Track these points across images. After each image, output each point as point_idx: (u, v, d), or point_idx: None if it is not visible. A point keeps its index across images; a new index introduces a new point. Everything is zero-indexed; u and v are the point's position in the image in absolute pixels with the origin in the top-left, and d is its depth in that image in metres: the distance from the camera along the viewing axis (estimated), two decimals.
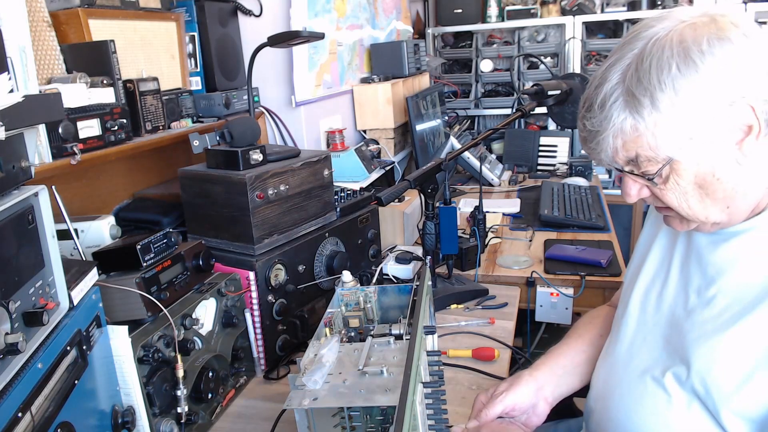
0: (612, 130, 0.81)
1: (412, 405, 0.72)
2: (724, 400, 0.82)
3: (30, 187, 0.80)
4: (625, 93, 0.80)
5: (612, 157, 0.85)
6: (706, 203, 0.83)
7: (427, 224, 1.56)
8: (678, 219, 0.88)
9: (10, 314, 0.70)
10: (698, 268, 0.91)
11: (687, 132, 0.78)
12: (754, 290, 0.83)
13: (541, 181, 2.70)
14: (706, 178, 0.81)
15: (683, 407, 0.87)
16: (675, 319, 0.92)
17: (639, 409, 0.93)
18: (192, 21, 1.73)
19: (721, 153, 0.79)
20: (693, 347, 0.86)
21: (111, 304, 1.01)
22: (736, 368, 0.81)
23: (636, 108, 0.79)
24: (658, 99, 0.77)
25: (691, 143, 0.78)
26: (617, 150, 0.83)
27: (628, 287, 1.06)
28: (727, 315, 0.84)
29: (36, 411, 0.72)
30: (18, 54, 0.97)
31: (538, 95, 1.70)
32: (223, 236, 1.36)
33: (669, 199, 0.85)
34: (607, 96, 0.81)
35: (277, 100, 2.07)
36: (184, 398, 1.06)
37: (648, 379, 0.92)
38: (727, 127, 0.77)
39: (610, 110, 0.81)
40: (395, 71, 2.75)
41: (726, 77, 0.75)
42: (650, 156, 0.81)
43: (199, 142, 1.34)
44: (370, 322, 1.10)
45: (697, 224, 0.87)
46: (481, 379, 1.28)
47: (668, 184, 0.83)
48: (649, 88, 0.77)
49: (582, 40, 3.51)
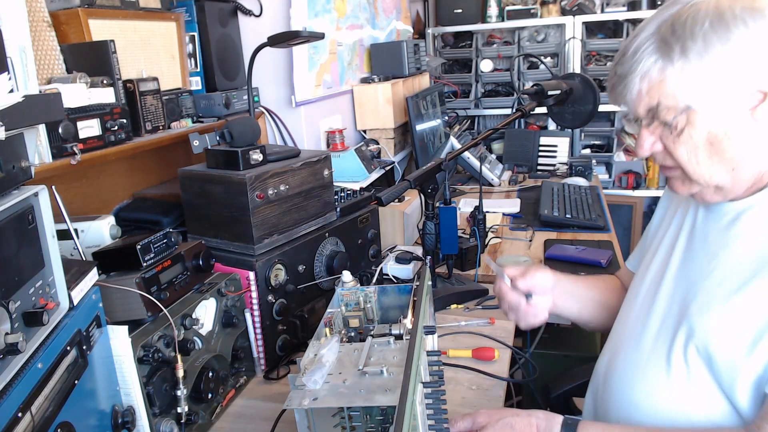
0: (640, 71, 0.87)
1: (412, 405, 0.72)
2: (726, 370, 0.88)
3: (30, 187, 0.80)
4: (658, 40, 0.86)
5: (636, 102, 0.90)
6: (713, 161, 0.88)
7: (427, 224, 1.56)
8: (681, 180, 0.94)
9: (10, 314, 0.70)
10: (703, 243, 0.97)
11: (709, 84, 0.84)
12: (750, 264, 0.88)
13: (541, 181, 2.69)
14: (718, 135, 0.86)
15: (683, 378, 0.93)
16: (678, 293, 0.99)
17: (641, 384, 0.99)
18: (192, 21, 1.73)
19: (736, 115, 0.85)
20: (696, 318, 0.92)
21: (111, 304, 1.01)
22: (736, 338, 0.87)
23: (666, 52, 0.85)
24: (688, 48, 0.83)
25: (710, 96, 0.84)
26: (641, 95, 0.89)
27: (642, 267, 1.13)
28: (726, 287, 0.90)
29: (36, 411, 0.72)
30: (18, 54, 0.97)
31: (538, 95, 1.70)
32: (223, 236, 1.36)
33: (679, 153, 0.89)
34: (641, 43, 0.88)
35: (277, 100, 2.07)
36: (184, 398, 1.06)
37: (651, 351, 0.99)
38: (745, 89, 0.83)
39: (642, 54, 0.87)
40: (395, 71, 2.75)
41: (753, 43, 0.81)
42: (670, 104, 0.87)
43: (199, 142, 1.34)
44: (370, 322, 1.10)
45: (699, 187, 0.92)
46: (481, 379, 1.28)
47: (682, 137, 0.88)
48: (681, 36, 0.84)
49: (582, 40, 3.50)
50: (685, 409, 0.93)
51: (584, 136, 3.74)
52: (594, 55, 3.61)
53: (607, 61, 3.58)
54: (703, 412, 0.91)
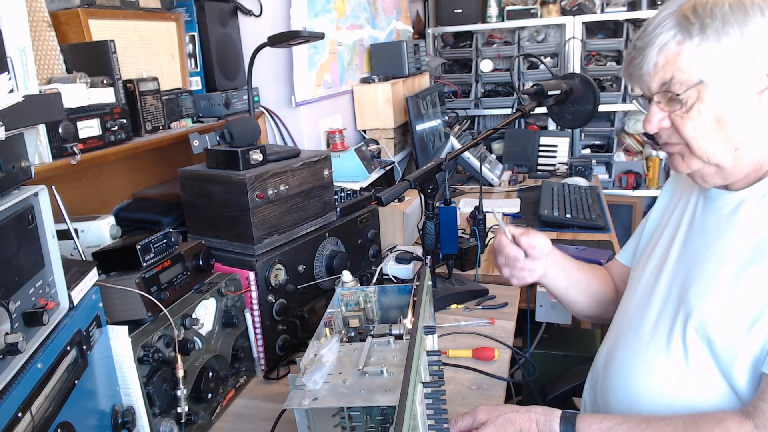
0: (659, 43, 0.91)
1: (412, 405, 0.72)
2: (725, 352, 0.90)
3: (30, 187, 0.80)
4: (679, 16, 0.91)
5: (650, 75, 0.94)
6: (718, 139, 0.92)
7: (427, 224, 1.56)
8: (681, 156, 0.97)
9: (10, 314, 0.70)
10: (702, 232, 1.01)
11: (722, 62, 0.88)
12: (749, 249, 0.91)
13: (541, 181, 2.69)
14: (726, 114, 0.90)
15: (682, 362, 0.95)
16: (677, 280, 1.01)
17: (640, 369, 1.00)
18: (192, 21, 1.73)
19: (744, 96, 0.89)
20: (694, 302, 0.95)
21: (111, 304, 1.01)
22: (734, 320, 0.89)
23: (685, 27, 0.89)
24: (706, 25, 0.88)
25: (722, 74, 0.89)
26: (657, 67, 0.92)
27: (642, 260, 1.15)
28: (724, 272, 0.93)
29: (36, 411, 0.72)
30: (18, 54, 0.97)
31: (538, 95, 1.69)
32: (223, 236, 1.36)
33: (687, 129, 0.93)
34: (662, 19, 0.92)
35: (277, 100, 2.07)
36: (184, 398, 1.06)
37: (650, 337, 1.01)
38: (755, 73, 0.88)
39: (662, 28, 0.92)
40: (395, 71, 2.75)
41: (767, 31, 0.87)
42: (683, 79, 0.90)
43: (199, 142, 1.34)
44: (370, 322, 1.10)
45: (700, 165, 0.96)
46: (481, 379, 1.28)
47: (691, 112, 0.91)
48: (701, 15, 0.88)
49: (582, 40, 3.50)
50: (684, 392, 0.95)
51: (584, 136, 3.74)
52: (594, 55, 3.61)
53: (607, 61, 3.58)
54: (703, 395, 0.93)
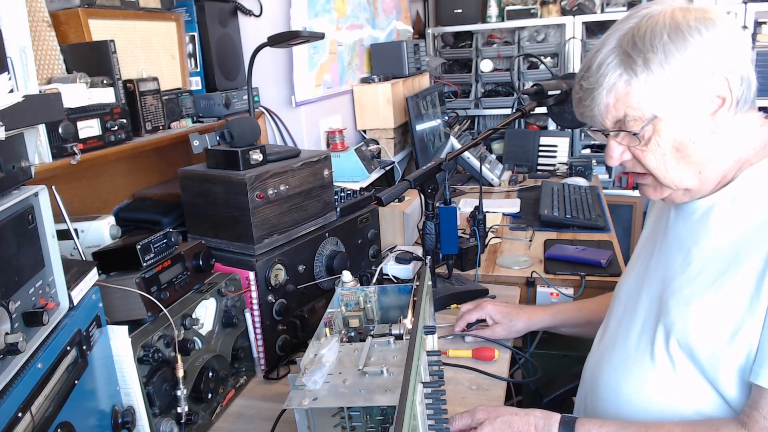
0: (606, 85, 0.91)
1: (412, 405, 0.72)
2: (708, 361, 0.90)
3: (30, 187, 0.80)
4: (621, 54, 0.90)
5: (603, 115, 0.94)
6: (681, 166, 0.92)
7: (427, 224, 1.56)
8: (652, 187, 0.98)
9: (10, 314, 0.70)
10: (676, 240, 1.01)
11: (672, 93, 0.88)
12: (724, 257, 0.91)
13: (541, 181, 2.69)
14: (684, 141, 0.90)
15: (669, 372, 0.95)
16: (656, 291, 1.01)
17: (628, 381, 1.01)
18: (192, 21, 1.73)
19: (699, 120, 0.89)
20: (674, 312, 0.95)
21: (111, 304, 1.01)
22: (715, 329, 0.89)
23: (630, 65, 0.89)
24: (650, 59, 0.87)
25: (674, 104, 0.88)
26: (608, 107, 0.92)
27: (625, 273, 1.18)
28: (701, 281, 0.93)
29: (36, 411, 0.72)
30: (18, 54, 0.97)
31: (538, 95, 1.69)
32: (223, 236, 1.36)
33: (649, 161, 0.93)
34: (605, 57, 0.91)
35: (277, 100, 2.07)
36: (184, 398, 1.06)
37: (635, 349, 1.01)
38: (705, 95, 0.88)
39: (606, 68, 0.91)
40: (395, 71, 2.75)
41: (709, 50, 0.86)
42: (637, 115, 0.90)
43: (199, 142, 1.34)
44: (370, 322, 1.10)
45: (670, 191, 0.96)
46: (481, 379, 1.28)
47: (650, 145, 0.92)
48: (642, 50, 0.88)
49: (582, 40, 3.50)
50: (675, 402, 0.95)
51: (584, 136, 3.75)
52: None
53: None
54: (693, 404, 0.93)
